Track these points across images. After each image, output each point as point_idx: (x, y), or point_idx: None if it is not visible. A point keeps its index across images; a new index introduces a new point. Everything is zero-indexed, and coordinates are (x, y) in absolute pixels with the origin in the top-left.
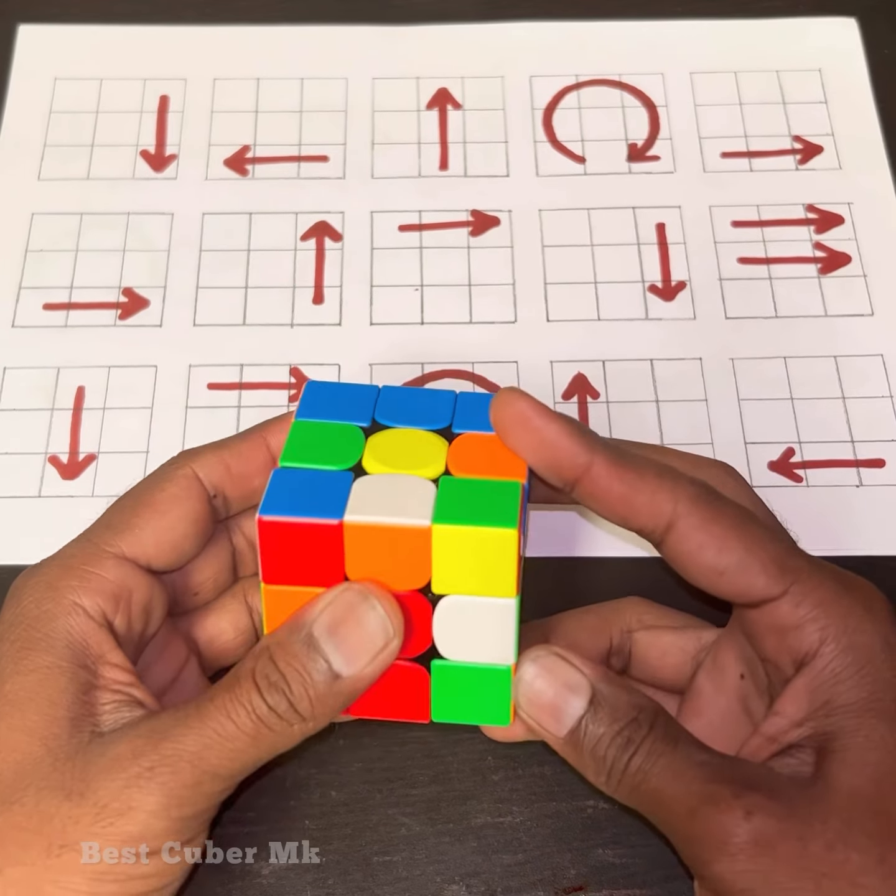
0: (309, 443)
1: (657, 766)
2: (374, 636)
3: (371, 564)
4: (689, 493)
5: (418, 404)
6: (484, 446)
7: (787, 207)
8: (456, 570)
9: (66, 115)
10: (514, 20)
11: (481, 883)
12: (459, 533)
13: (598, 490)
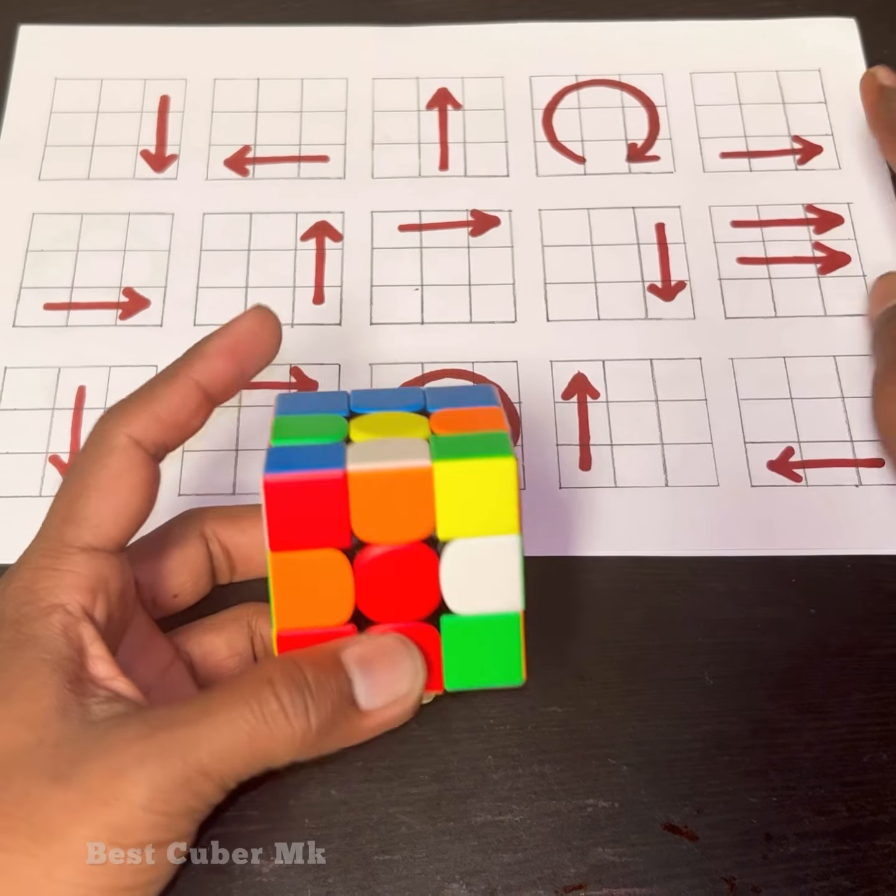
0: (295, 429)
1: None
2: (403, 679)
3: (376, 516)
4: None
5: (388, 397)
6: (462, 416)
7: (787, 207)
8: (459, 510)
9: (67, 115)
10: (514, 20)
11: (481, 881)
12: (460, 468)
13: None
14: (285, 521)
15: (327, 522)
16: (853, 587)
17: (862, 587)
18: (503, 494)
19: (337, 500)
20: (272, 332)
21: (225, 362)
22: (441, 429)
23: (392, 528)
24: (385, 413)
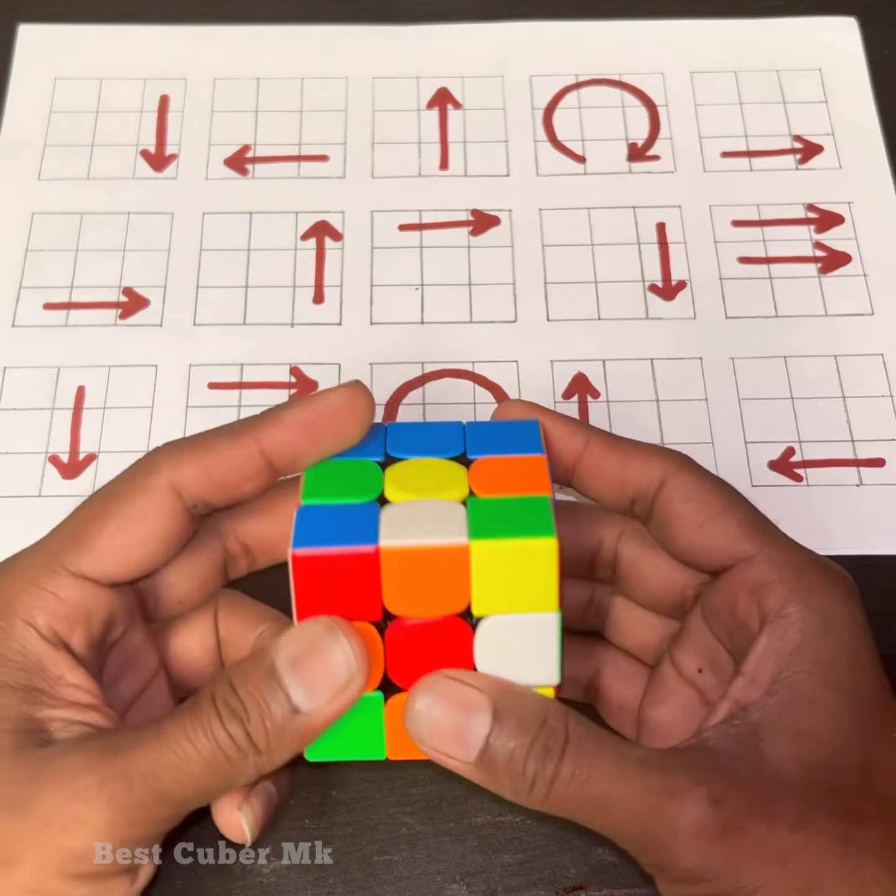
0: (327, 480)
1: (594, 769)
2: (337, 672)
3: (409, 591)
4: (677, 458)
5: (427, 436)
6: (503, 468)
7: (787, 207)
8: (496, 587)
9: (66, 115)
10: (513, 20)
11: (482, 882)
12: (498, 547)
13: (596, 462)
14: (314, 595)
15: (358, 596)
16: None
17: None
18: (544, 574)
19: (368, 575)
20: (360, 413)
21: (298, 436)
22: (481, 487)
23: (425, 603)
24: (422, 460)
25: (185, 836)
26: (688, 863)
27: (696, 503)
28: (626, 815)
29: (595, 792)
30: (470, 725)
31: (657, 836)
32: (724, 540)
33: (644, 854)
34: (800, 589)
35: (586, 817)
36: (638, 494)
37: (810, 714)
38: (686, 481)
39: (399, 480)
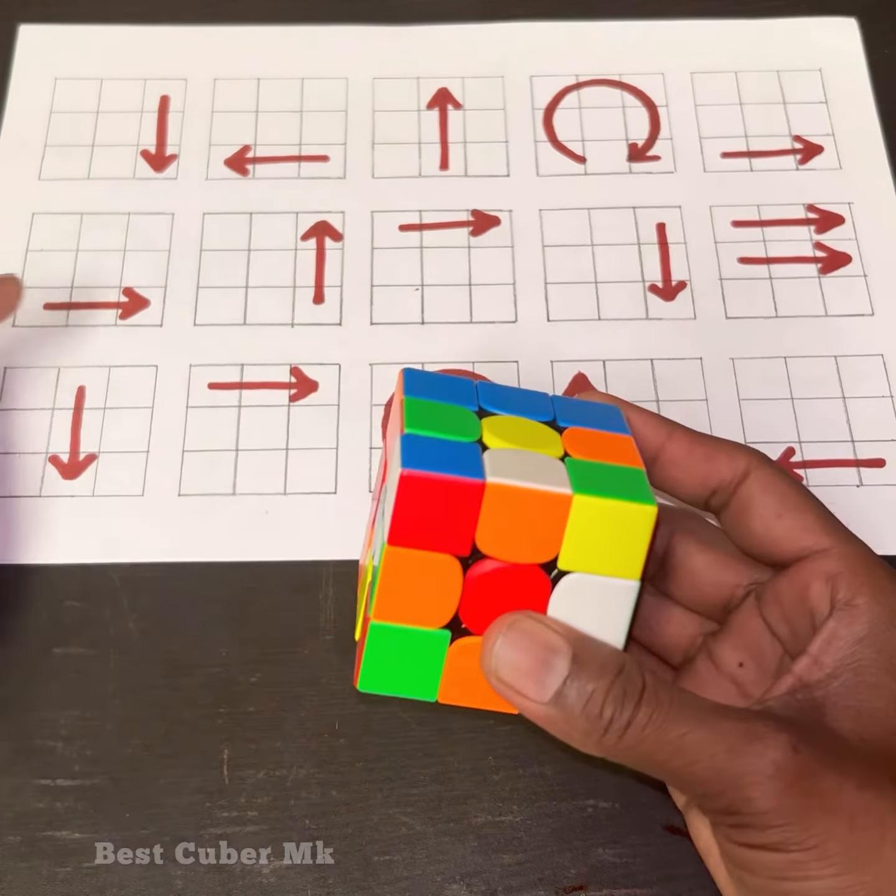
0: (427, 416)
1: (671, 713)
2: None
3: (503, 532)
4: (759, 454)
5: (517, 399)
6: (595, 439)
7: (788, 207)
8: (586, 545)
9: (67, 115)
10: (514, 20)
11: (482, 882)
12: (600, 505)
13: (681, 454)
14: (412, 518)
15: (452, 527)
16: None
17: None
18: (637, 540)
19: (468, 507)
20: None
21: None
22: (575, 451)
23: (514, 547)
24: (516, 418)
25: (187, 836)
26: (762, 804)
27: (777, 495)
28: (702, 757)
29: (672, 734)
30: (549, 665)
31: (734, 777)
32: (801, 532)
33: (714, 797)
34: (870, 584)
35: (658, 760)
36: (721, 485)
37: (872, 697)
38: (767, 475)
39: (497, 430)
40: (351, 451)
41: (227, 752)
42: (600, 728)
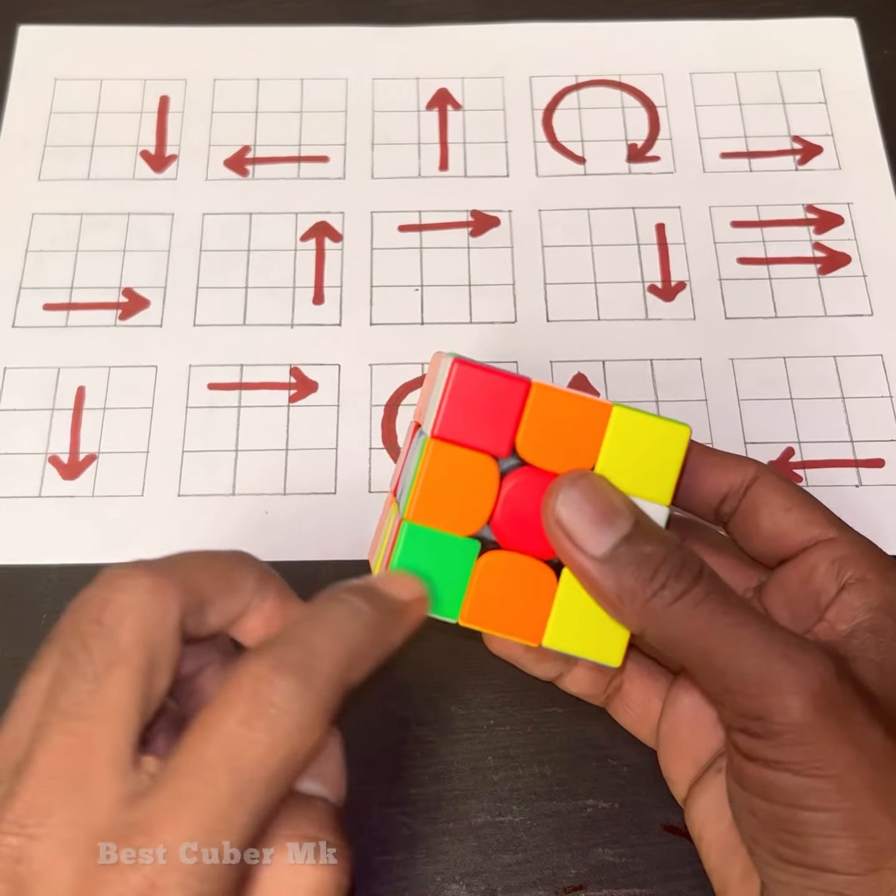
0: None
1: (732, 600)
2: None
3: (543, 435)
4: (764, 464)
5: None
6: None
7: (787, 207)
8: (621, 461)
9: (67, 115)
10: (513, 20)
11: (481, 882)
12: (637, 419)
13: (693, 463)
14: (457, 412)
15: (495, 426)
16: None
17: None
18: (669, 461)
19: (513, 406)
20: None
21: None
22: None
23: (552, 454)
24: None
25: None
26: (799, 716)
27: (785, 493)
28: (754, 651)
29: (729, 619)
30: (611, 522)
31: (778, 681)
32: (809, 524)
33: (750, 697)
34: (879, 567)
35: (704, 643)
36: (731, 490)
37: (892, 656)
38: (775, 479)
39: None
40: (351, 451)
41: None
42: (649, 591)
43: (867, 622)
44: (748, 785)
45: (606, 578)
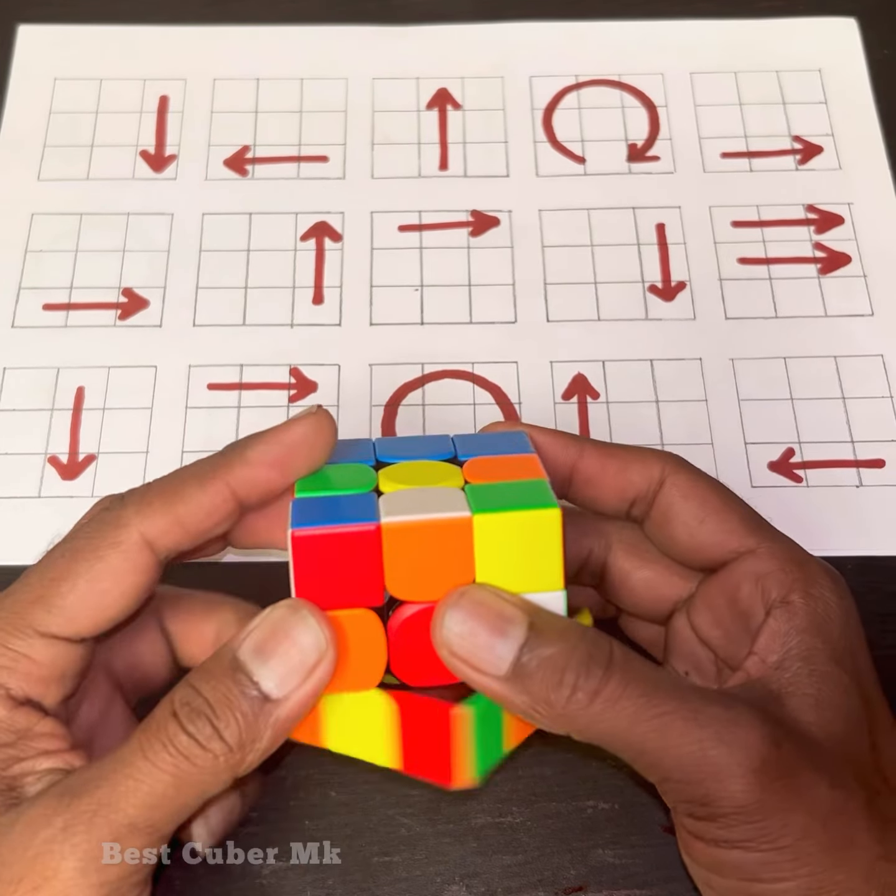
0: (319, 479)
1: (650, 687)
2: (307, 651)
3: (411, 572)
4: (673, 459)
5: (416, 446)
6: (497, 464)
7: (787, 207)
8: (500, 565)
9: (66, 115)
10: (513, 20)
11: (481, 883)
12: (502, 520)
13: (594, 471)
14: (314, 579)
15: (359, 580)
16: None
17: (862, 588)
18: (548, 548)
19: (369, 555)
20: (327, 440)
21: (268, 473)
22: (475, 478)
23: (427, 586)
24: (414, 462)
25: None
26: (743, 798)
27: (696, 500)
28: (686, 741)
29: (652, 711)
30: (504, 634)
31: (717, 766)
32: (726, 535)
33: (692, 785)
34: (802, 579)
35: (632, 739)
36: (638, 496)
37: (826, 685)
38: (684, 480)
39: (394, 476)
40: None
41: None
42: (562, 697)
43: (795, 649)
44: (701, 861)
45: (518, 695)
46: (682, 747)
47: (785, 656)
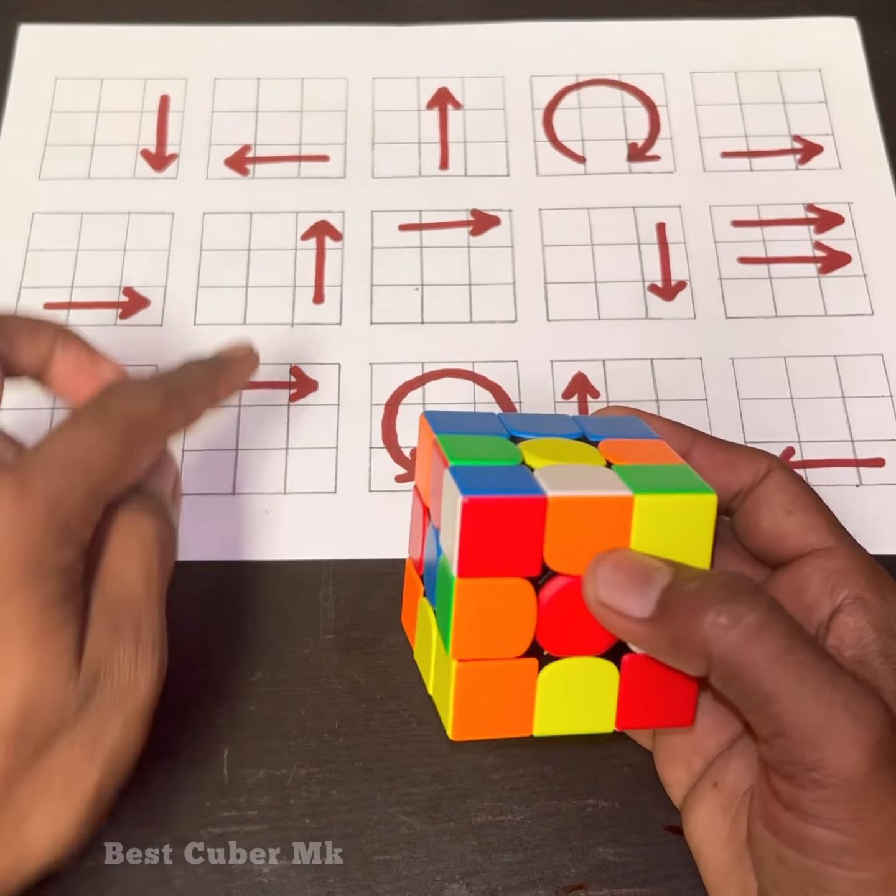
0: (466, 448)
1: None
2: None
3: (570, 545)
4: (777, 459)
5: (542, 422)
6: (630, 447)
7: (787, 207)
8: (653, 544)
9: (67, 114)
10: (513, 20)
11: (482, 882)
12: (662, 502)
13: (704, 461)
14: (479, 546)
15: (520, 549)
16: None
17: None
18: (700, 531)
19: (534, 525)
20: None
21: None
22: (617, 459)
23: (582, 559)
24: (552, 439)
25: (186, 835)
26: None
27: (789, 494)
28: (817, 700)
29: (794, 657)
30: (650, 580)
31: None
32: (808, 530)
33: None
34: (876, 582)
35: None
36: (743, 488)
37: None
38: (783, 476)
39: (537, 451)
40: (351, 450)
41: (227, 751)
42: (706, 623)
43: (874, 645)
44: (780, 834)
45: (660, 633)
46: (811, 706)
47: (864, 651)
